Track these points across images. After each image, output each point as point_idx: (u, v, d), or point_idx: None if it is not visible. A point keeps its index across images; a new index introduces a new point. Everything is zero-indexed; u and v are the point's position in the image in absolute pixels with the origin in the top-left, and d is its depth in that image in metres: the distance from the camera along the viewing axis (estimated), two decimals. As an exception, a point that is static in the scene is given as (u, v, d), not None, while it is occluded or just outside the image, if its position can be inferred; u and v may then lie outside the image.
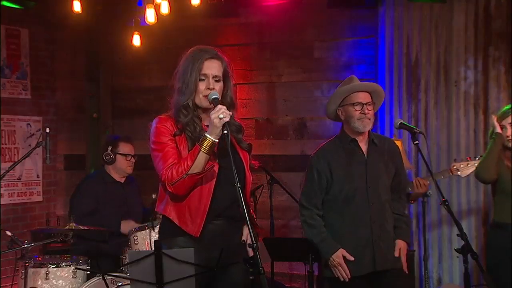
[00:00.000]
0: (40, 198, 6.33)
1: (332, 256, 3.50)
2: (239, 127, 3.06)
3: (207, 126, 2.91)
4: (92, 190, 4.74)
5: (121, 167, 4.84)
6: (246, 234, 3.05)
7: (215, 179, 2.90)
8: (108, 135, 5.96)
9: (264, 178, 5.00)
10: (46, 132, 4.12)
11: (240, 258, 3.05)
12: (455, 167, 4.40)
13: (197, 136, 2.89)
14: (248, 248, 3.02)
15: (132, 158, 4.85)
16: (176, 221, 2.90)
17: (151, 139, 2.95)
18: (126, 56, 6.19)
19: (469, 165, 4.37)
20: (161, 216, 3.08)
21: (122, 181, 4.88)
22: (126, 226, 4.62)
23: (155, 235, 4.08)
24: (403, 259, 3.61)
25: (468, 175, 4.42)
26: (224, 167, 2.88)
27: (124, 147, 4.84)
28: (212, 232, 2.92)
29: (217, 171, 2.91)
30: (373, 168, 3.57)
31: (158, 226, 3.62)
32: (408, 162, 4.96)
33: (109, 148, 4.82)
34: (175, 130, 2.92)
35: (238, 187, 2.65)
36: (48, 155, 4.12)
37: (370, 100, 3.58)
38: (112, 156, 4.80)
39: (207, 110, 2.97)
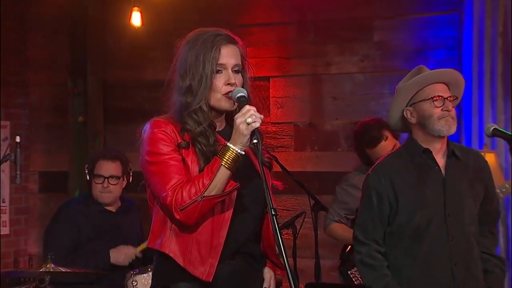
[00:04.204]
0: (6, 231, 6.41)
1: (399, 309, 3.52)
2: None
3: (220, 134, 2.95)
4: (73, 220, 4.78)
5: (94, 194, 4.84)
6: (269, 278, 3.09)
7: (233, 206, 2.91)
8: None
9: (306, 203, 4.99)
10: (16, 142, 4.18)
11: None
12: None
13: (211, 150, 2.90)
14: None
15: (107, 181, 4.78)
16: (180, 261, 2.89)
17: (144, 149, 2.96)
18: (122, 41, 6.28)
19: None
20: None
21: (114, 210, 4.92)
22: (117, 254, 4.68)
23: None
24: (500, 316, 3.61)
25: None
26: (242, 188, 2.89)
27: (100, 166, 4.80)
28: (226, 274, 2.92)
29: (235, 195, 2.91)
30: (455, 189, 3.56)
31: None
32: (505, 181, 4.93)
33: (86, 168, 4.84)
34: (178, 138, 2.93)
35: (273, 214, 2.67)
36: (18, 172, 4.18)
37: (451, 94, 3.58)
38: (88, 178, 4.82)
39: (221, 114, 3.01)
